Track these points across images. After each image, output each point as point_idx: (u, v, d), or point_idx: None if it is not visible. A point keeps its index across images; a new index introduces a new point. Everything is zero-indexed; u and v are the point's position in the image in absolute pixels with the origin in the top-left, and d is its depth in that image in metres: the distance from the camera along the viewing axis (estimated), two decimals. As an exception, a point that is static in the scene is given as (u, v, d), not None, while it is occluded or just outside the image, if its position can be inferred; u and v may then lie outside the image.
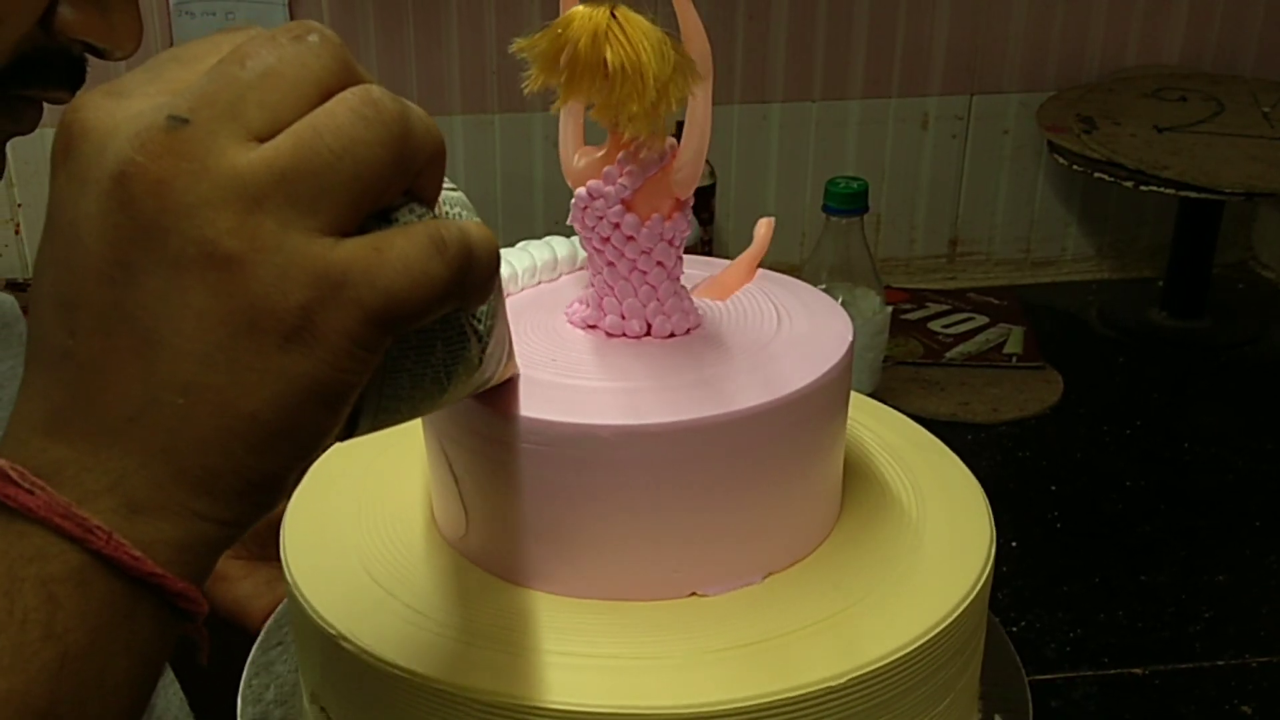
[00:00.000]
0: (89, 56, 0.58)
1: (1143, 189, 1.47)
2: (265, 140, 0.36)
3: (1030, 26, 1.68)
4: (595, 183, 0.57)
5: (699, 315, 0.61)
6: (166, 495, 0.37)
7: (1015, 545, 1.20)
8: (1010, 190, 1.76)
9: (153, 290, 0.36)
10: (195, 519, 0.38)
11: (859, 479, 0.67)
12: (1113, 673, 1.05)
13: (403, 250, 0.37)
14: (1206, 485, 1.31)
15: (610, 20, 0.50)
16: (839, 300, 0.66)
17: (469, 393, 0.48)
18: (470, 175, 1.64)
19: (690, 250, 0.65)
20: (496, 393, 0.55)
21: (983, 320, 1.59)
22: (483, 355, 0.46)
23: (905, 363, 1.49)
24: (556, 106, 0.54)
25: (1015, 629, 1.09)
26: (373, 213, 0.38)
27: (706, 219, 1.57)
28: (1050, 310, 1.67)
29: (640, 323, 0.60)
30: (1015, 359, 1.51)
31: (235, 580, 0.81)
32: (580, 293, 0.63)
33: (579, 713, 0.51)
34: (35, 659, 0.36)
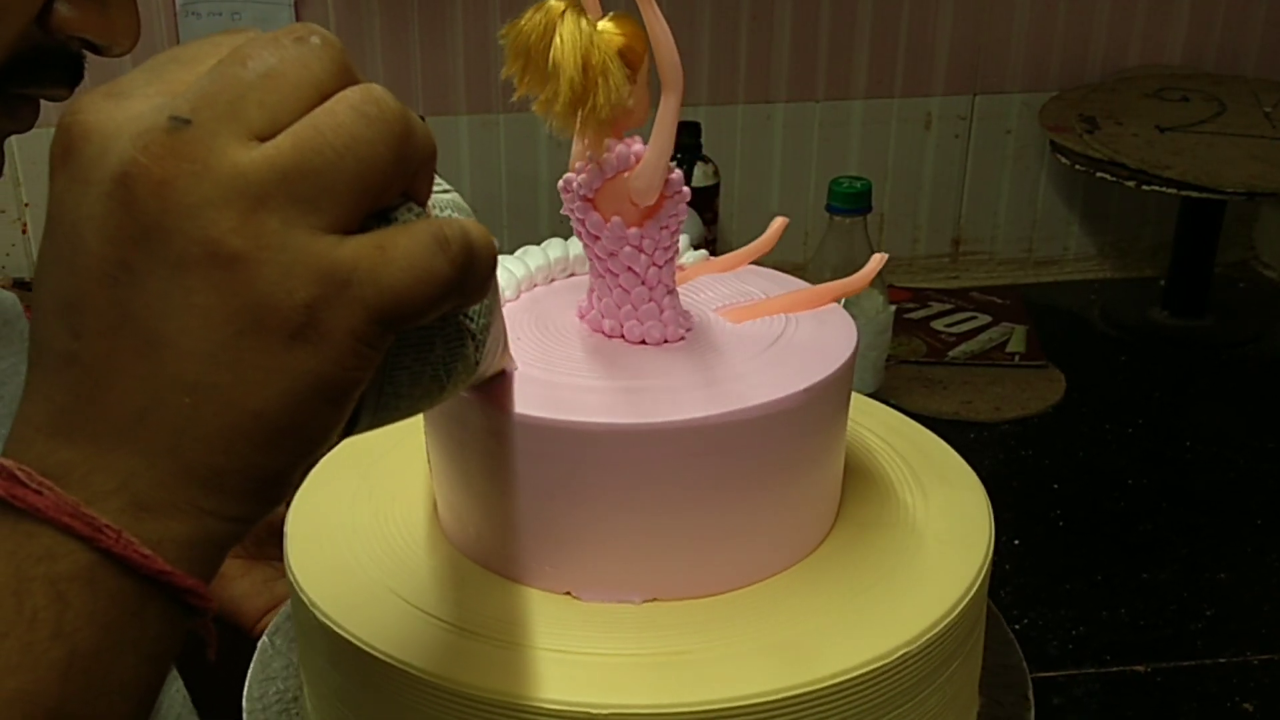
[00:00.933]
0: (87, 54, 0.57)
1: (1145, 189, 1.47)
2: (266, 140, 0.36)
3: (1033, 27, 1.68)
4: (570, 174, 0.58)
5: (679, 330, 0.61)
6: (174, 494, 0.37)
7: (1018, 543, 1.20)
8: (1013, 190, 1.76)
9: (156, 290, 0.36)
10: (203, 516, 0.38)
11: (860, 478, 0.67)
12: (1115, 670, 1.05)
13: (406, 248, 0.37)
14: (1208, 484, 1.31)
15: (559, 19, 0.51)
16: (841, 300, 0.66)
17: (467, 385, 0.48)
18: (475, 175, 1.64)
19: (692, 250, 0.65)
20: (494, 390, 0.55)
21: (985, 319, 1.60)
22: (480, 352, 0.46)
23: (908, 361, 1.50)
24: (516, 96, 0.54)
25: (1018, 627, 1.09)
26: (372, 212, 0.38)
27: (710, 218, 1.58)
28: (1053, 309, 1.67)
29: (614, 323, 0.61)
30: (1018, 358, 1.51)
31: (232, 579, 0.82)
32: (582, 293, 0.64)
33: (576, 710, 0.51)
34: (44, 658, 0.36)
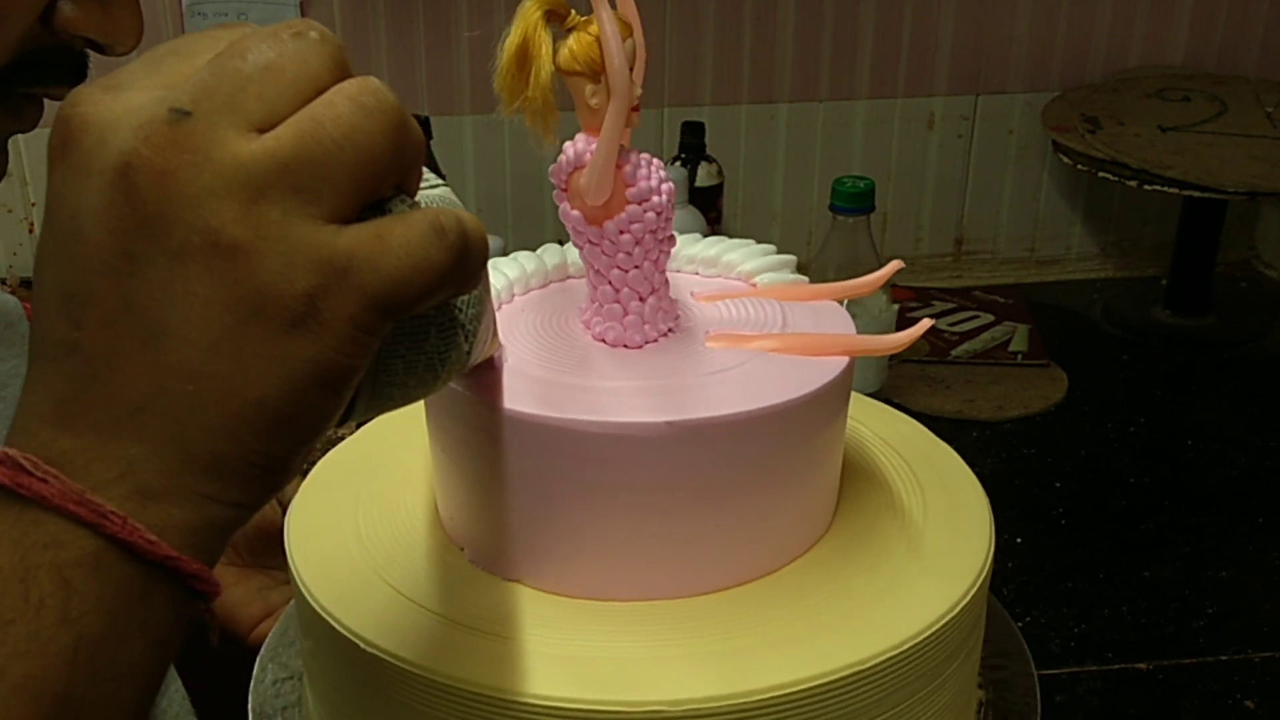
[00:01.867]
0: (90, 53, 0.57)
1: (1147, 188, 1.47)
2: (265, 132, 0.37)
3: (1035, 27, 1.68)
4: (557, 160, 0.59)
5: (639, 336, 0.61)
6: (177, 481, 0.37)
7: (1020, 541, 1.20)
8: (1015, 189, 1.77)
9: (157, 280, 0.36)
10: (206, 502, 0.38)
11: (859, 478, 0.66)
12: (1117, 668, 1.05)
13: (404, 237, 0.38)
14: (1210, 482, 1.31)
15: (526, 19, 0.53)
16: (844, 300, 0.66)
17: (461, 372, 0.48)
18: (480, 174, 1.65)
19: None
20: (483, 383, 0.55)
21: (988, 318, 1.60)
22: (471, 341, 0.46)
23: (911, 360, 1.50)
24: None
25: (1020, 624, 1.08)
26: (368, 203, 0.38)
27: (714, 218, 1.58)
28: (1055, 308, 1.68)
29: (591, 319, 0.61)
30: (1020, 357, 1.52)
31: (226, 587, 0.79)
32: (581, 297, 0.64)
33: (574, 707, 0.52)
34: (51, 644, 0.36)
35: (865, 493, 0.66)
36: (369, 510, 0.65)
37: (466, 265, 0.39)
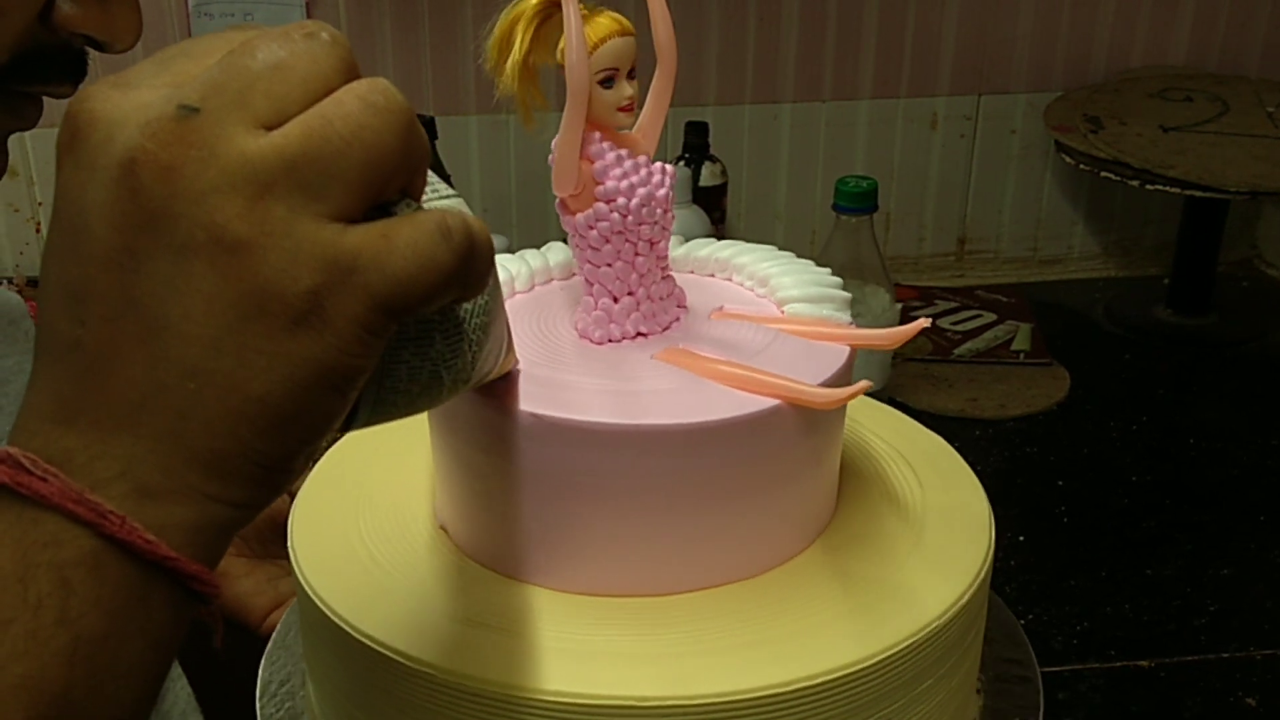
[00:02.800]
0: (93, 52, 0.57)
1: (1149, 188, 1.48)
2: (273, 130, 0.36)
3: (1037, 28, 1.69)
4: None
5: (606, 334, 0.61)
6: (177, 479, 0.37)
7: (1023, 539, 1.21)
8: (1018, 189, 1.77)
9: (161, 276, 0.36)
10: (207, 502, 0.37)
11: (859, 476, 0.67)
12: (1119, 665, 1.06)
13: (410, 237, 0.37)
14: (1211, 480, 1.31)
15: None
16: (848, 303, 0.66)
17: (468, 388, 0.48)
18: (485, 174, 1.65)
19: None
20: (495, 387, 0.55)
21: (991, 317, 1.61)
22: (477, 352, 0.46)
23: (914, 359, 1.50)
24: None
25: (1023, 622, 1.09)
26: (374, 204, 0.38)
27: (718, 217, 1.58)
28: (1057, 308, 1.68)
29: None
30: (1023, 356, 1.52)
31: (236, 578, 0.81)
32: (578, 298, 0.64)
33: (577, 703, 0.52)
34: (49, 644, 0.35)
35: (865, 490, 0.66)
36: (372, 507, 0.65)
37: (472, 268, 0.39)
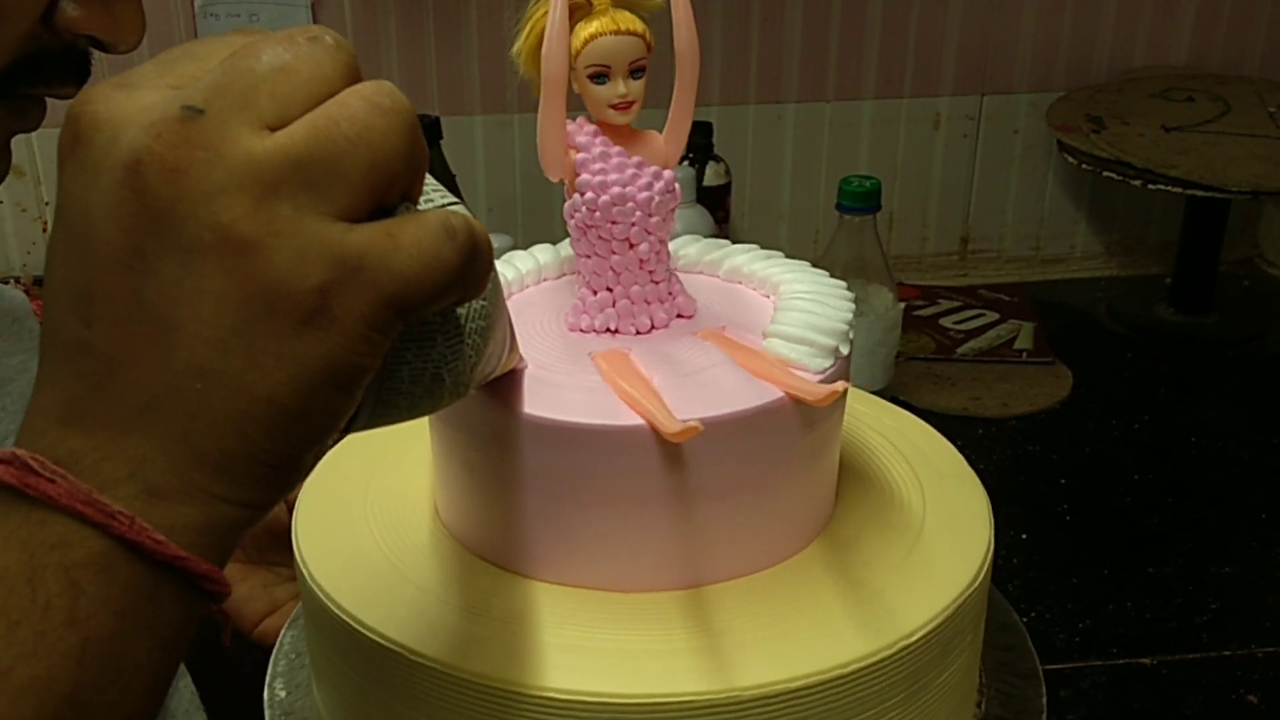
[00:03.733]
0: (96, 53, 0.57)
1: (1151, 188, 1.48)
2: (278, 131, 0.36)
3: (1040, 28, 1.69)
4: None
5: (576, 327, 0.62)
6: (186, 480, 0.37)
7: (1025, 537, 1.21)
8: (1020, 189, 1.78)
9: (168, 277, 0.36)
10: (216, 502, 0.37)
11: (858, 473, 0.67)
12: (1121, 663, 1.06)
13: (415, 235, 0.37)
14: (1213, 478, 1.32)
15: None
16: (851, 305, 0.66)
17: (469, 391, 0.48)
18: (490, 175, 1.65)
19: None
20: (499, 386, 0.56)
21: (993, 316, 1.61)
22: (479, 355, 0.46)
23: (917, 358, 1.51)
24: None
25: (1025, 620, 1.09)
26: (378, 206, 0.38)
27: (722, 217, 1.59)
28: (1060, 307, 1.68)
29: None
30: (1025, 354, 1.53)
31: (231, 583, 0.81)
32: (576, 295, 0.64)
33: (580, 699, 0.52)
34: (58, 645, 0.35)
35: (866, 488, 0.66)
36: (376, 504, 0.65)
37: (475, 268, 0.39)
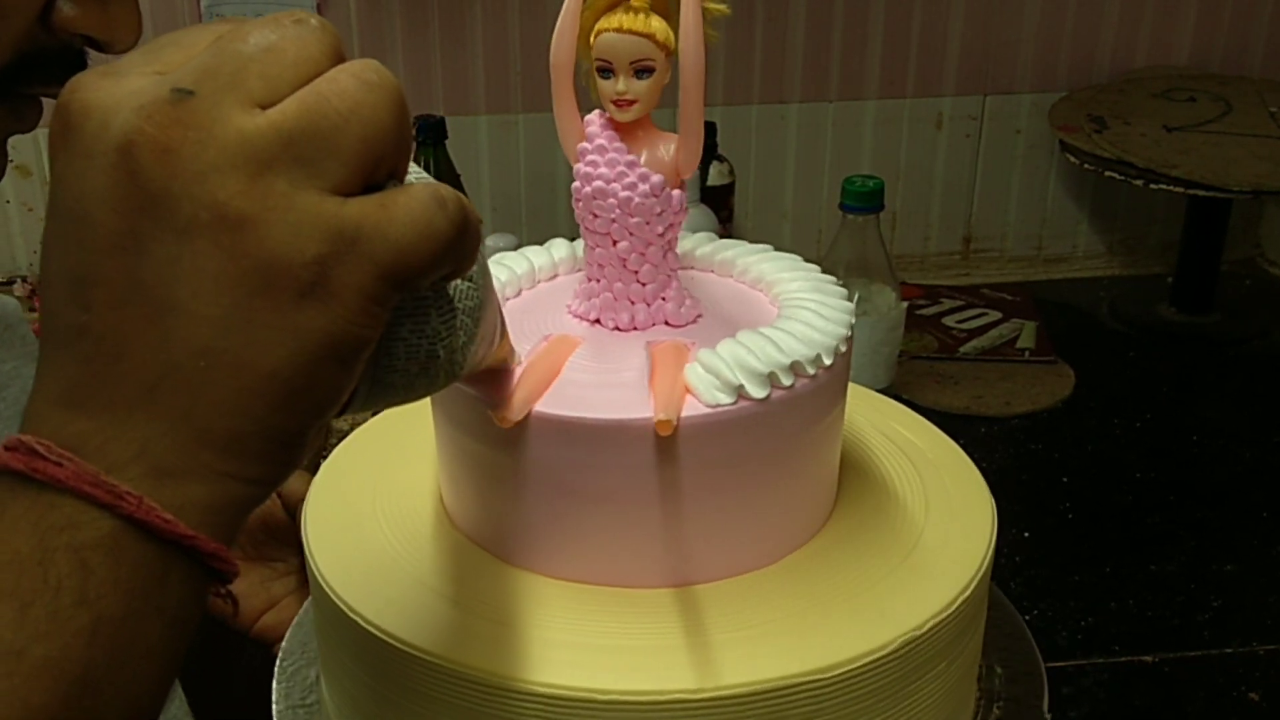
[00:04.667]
0: (90, 52, 0.57)
1: (1152, 187, 1.48)
2: (268, 109, 0.37)
3: (1042, 28, 1.70)
4: None
5: (572, 313, 0.62)
6: (193, 458, 0.37)
7: (1028, 536, 1.21)
8: (1023, 189, 1.78)
9: (165, 257, 0.36)
10: (222, 480, 0.38)
11: (859, 471, 0.67)
12: (1123, 660, 1.06)
13: (408, 206, 0.38)
14: (1214, 477, 1.32)
15: None
16: (855, 296, 0.67)
17: (464, 373, 0.48)
18: (494, 175, 1.65)
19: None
20: (500, 382, 0.56)
21: (996, 315, 1.61)
22: (472, 334, 0.46)
23: (920, 357, 1.51)
24: None
25: (1028, 618, 1.07)
26: (369, 182, 0.38)
27: (725, 217, 1.59)
28: (1062, 306, 1.68)
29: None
30: (1028, 353, 1.53)
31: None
32: (580, 291, 0.65)
33: (581, 695, 0.52)
34: (69, 625, 0.36)
35: (868, 485, 0.66)
36: (384, 501, 0.65)
37: (466, 239, 0.40)
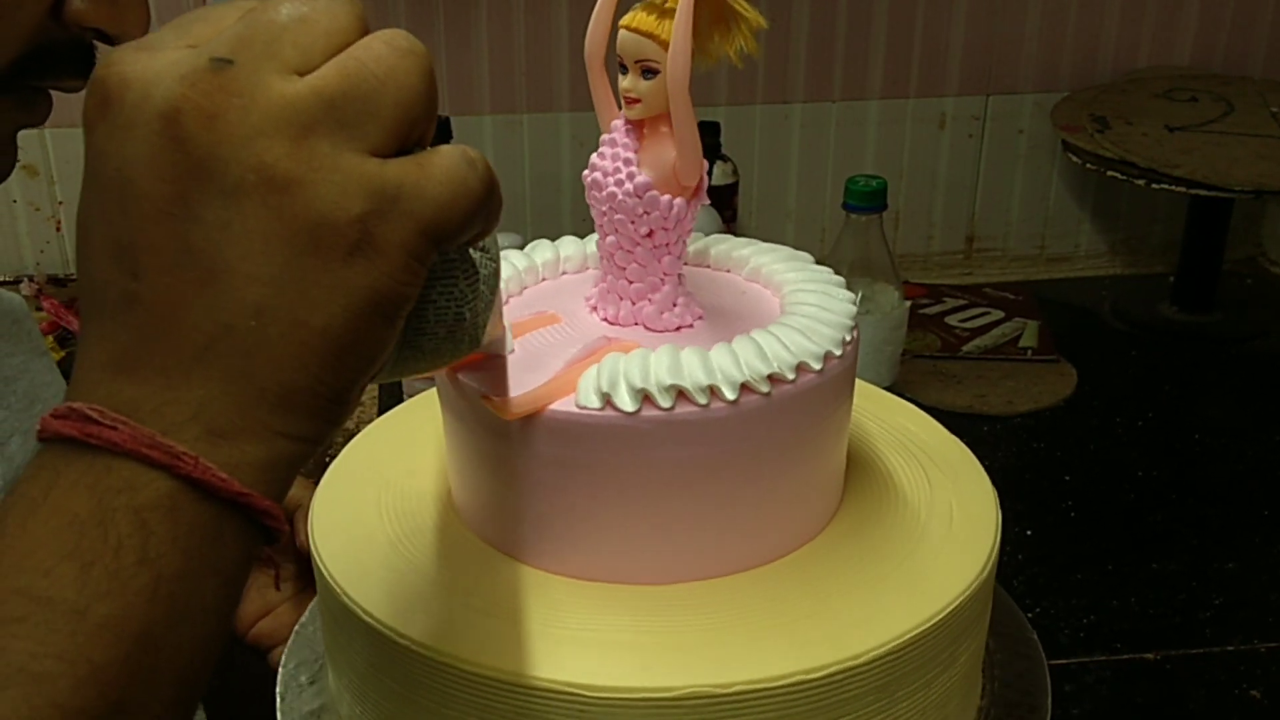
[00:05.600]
0: (98, 44, 0.58)
1: (1154, 187, 1.49)
2: (305, 76, 0.38)
3: (1045, 29, 1.70)
4: None
5: (584, 306, 0.63)
6: (247, 418, 0.38)
7: (1030, 534, 1.21)
8: (1025, 188, 1.78)
9: (214, 221, 0.37)
10: (275, 438, 0.39)
11: (867, 468, 0.67)
12: (1125, 658, 1.06)
13: (443, 165, 0.39)
14: (1216, 475, 1.32)
15: None
16: (858, 295, 0.67)
17: (479, 340, 0.48)
18: (499, 174, 1.62)
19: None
20: (496, 371, 0.57)
21: (998, 315, 1.61)
22: (491, 300, 0.47)
23: (923, 356, 1.52)
24: None
25: (1030, 615, 1.07)
26: (404, 147, 0.40)
27: (729, 216, 1.60)
28: (1064, 305, 1.68)
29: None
30: (1030, 352, 1.53)
31: None
32: (588, 290, 0.65)
33: (582, 693, 0.53)
34: (131, 583, 0.36)
35: (872, 483, 0.66)
36: (392, 499, 0.66)
37: (494, 197, 0.41)
